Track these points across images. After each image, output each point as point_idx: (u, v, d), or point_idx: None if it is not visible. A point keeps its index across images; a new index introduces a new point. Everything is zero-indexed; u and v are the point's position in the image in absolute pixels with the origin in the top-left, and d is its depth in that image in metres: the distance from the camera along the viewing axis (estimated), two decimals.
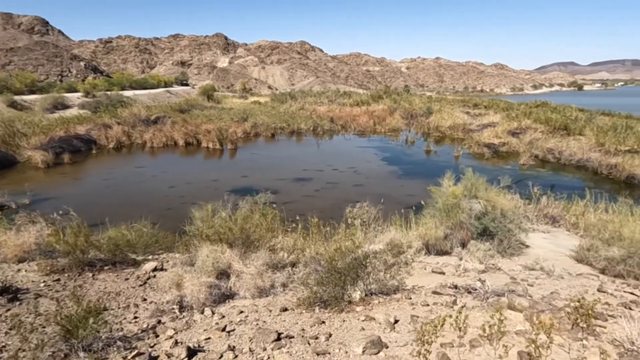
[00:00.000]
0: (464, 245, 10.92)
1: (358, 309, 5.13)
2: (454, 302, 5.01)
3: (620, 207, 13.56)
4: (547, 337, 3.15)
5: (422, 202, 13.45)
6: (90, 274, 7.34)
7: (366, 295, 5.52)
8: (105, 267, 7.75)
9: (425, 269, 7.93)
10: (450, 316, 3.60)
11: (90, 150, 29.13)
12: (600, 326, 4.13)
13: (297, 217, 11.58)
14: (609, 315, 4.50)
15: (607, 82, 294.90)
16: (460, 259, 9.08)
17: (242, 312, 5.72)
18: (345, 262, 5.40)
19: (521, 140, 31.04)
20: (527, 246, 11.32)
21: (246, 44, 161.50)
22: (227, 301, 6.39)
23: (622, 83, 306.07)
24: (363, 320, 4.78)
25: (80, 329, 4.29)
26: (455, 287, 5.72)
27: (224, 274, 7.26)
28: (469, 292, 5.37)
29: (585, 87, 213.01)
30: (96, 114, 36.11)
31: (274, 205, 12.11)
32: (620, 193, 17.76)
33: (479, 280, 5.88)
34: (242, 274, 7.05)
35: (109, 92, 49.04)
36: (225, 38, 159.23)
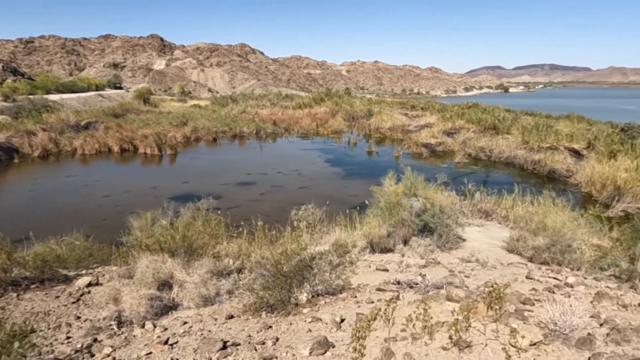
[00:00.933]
0: (406, 242, 11.31)
1: (305, 310, 5.14)
2: (397, 298, 5.17)
3: (544, 200, 14.69)
4: (466, 322, 3.34)
5: (367, 202, 13.75)
6: (15, 294, 6.72)
7: (313, 296, 5.54)
8: (32, 286, 7.13)
9: (369, 267, 8.12)
10: (385, 311, 3.71)
11: (11, 160, 26.72)
12: (528, 310, 4.45)
13: (242, 222, 11.38)
14: (535, 300, 4.87)
15: (529, 84, 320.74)
16: (403, 255, 9.40)
17: (186, 322, 5.52)
18: (291, 265, 5.39)
19: (455, 139, 32.76)
20: (464, 240, 11.93)
21: (184, 46, 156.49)
22: (170, 313, 6.14)
23: (542, 85, 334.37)
24: (310, 322, 4.79)
25: (3, 354, 3.91)
26: (398, 283, 5.91)
27: (166, 284, 6.96)
28: (411, 287, 5.58)
29: (511, 89, 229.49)
30: (17, 119, 33.22)
31: (218, 211, 11.83)
32: (544, 186, 19.28)
33: (420, 275, 6.13)
34: (186, 284, 6.80)
35: (32, 96, 45.31)
36: (161, 39, 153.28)
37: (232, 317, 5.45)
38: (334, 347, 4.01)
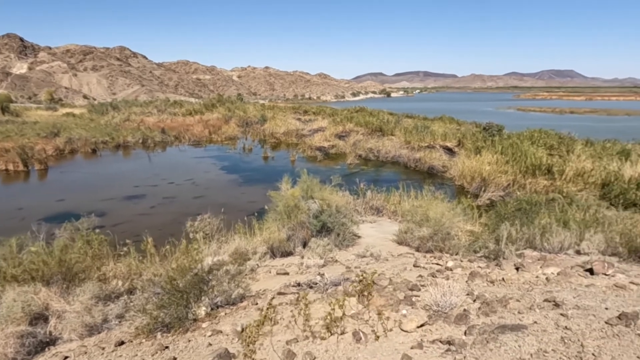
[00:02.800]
0: (305, 243, 11.53)
1: (204, 325, 4.94)
2: (298, 299, 5.26)
3: (426, 194, 16.16)
4: (341, 309, 3.56)
5: (266, 207, 13.72)
6: None
7: (212, 309, 5.35)
8: None
9: (270, 272, 8.12)
10: (264, 314, 3.77)
11: None
12: (415, 296, 4.88)
13: (131, 239, 10.51)
14: (421, 286, 5.35)
15: (408, 89, 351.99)
16: (303, 257, 9.58)
17: (67, 357, 4.91)
18: (187, 280, 5.14)
19: (347, 142, 34.44)
20: (359, 236, 12.58)
21: (50, 48, 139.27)
22: (46, 349, 5.40)
23: (418, 90, 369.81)
24: (210, 336, 4.62)
25: None
26: (299, 284, 6.02)
27: (40, 317, 6.11)
28: (311, 287, 5.72)
29: (392, 94, 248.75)
30: None
31: (102, 229, 10.75)
32: (425, 182, 21.28)
33: (319, 274, 6.33)
34: (65, 314, 6.04)
35: None
36: (21, 39, 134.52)
37: (122, 343, 5.00)
38: (235, 357, 3.92)
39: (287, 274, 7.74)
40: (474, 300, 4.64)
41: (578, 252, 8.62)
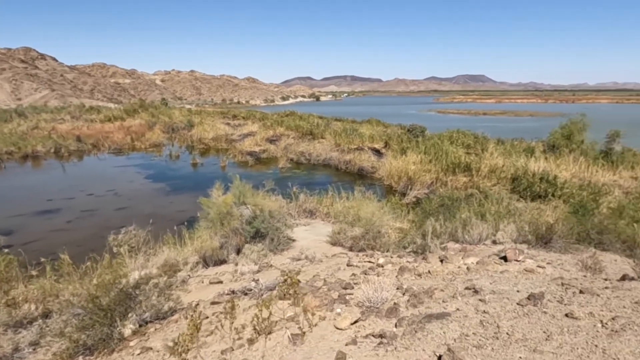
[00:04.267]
0: (239, 250, 11.33)
1: (132, 343, 4.66)
2: (232, 308, 5.16)
3: (356, 195, 16.63)
4: (268, 310, 3.60)
5: (198, 215, 13.27)
6: None
7: (141, 325, 5.06)
8: None
9: (203, 282, 7.86)
10: (192, 323, 3.69)
11: None
12: (349, 294, 5.02)
13: (45, 258, 9.60)
14: (354, 284, 5.52)
15: (336, 93, 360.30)
16: (237, 264, 9.40)
17: None
18: (111, 297, 4.81)
19: (278, 146, 34.41)
20: (294, 240, 12.62)
21: None
22: None
23: (346, 94, 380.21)
24: (139, 354, 4.37)
25: None
26: (233, 292, 5.90)
27: None
28: (246, 294, 5.64)
29: (322, 98, 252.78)
30: None
31: (10, 249, 9.72)
32: (356, 183, 21.88)
33: (254, 280, 6.26)
34: None
35: None
36: None
37: None
38: None
39: (221, 282, 7.55)
40: (404, 294, 4.88)
41: (494, 242, 9.39)
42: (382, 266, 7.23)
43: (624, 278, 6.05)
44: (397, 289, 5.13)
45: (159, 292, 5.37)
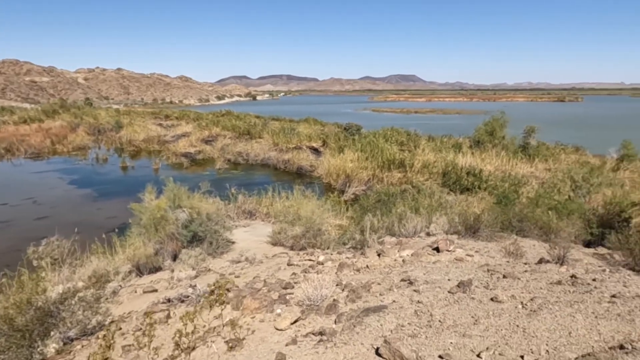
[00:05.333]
0: (175, 256, 10.88)
1: None
2: (168, 316, 4.94)
3: (296, 194, 16.65)
4: (192, 323, 3.53)
5: (129, 221, 12.54)
6: None
7: (65, 343, 4.68)
8: None
9: (136, 291, 7.45)
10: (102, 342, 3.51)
11: None
12: (289, 294, 5.01)
13: None
14: (295, 283, 5.52)
15: (273, 92, 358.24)
16: (173, 270, 9.02)
17: None
18: (29, 316, 4.39)
19: (214, 146, 33.53)
20: (233, 242, 12.36)
21: None
22: None
23: (283, 93, 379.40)
24: None
25: None
26: (169, 300, 5.65)
27: None
28: (182, 301, 5.43)
29: (258, 97, 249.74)
30: None
31: None
32: (295, 182, 21.91)
33: (191, 286, 6.04)
34: None
35: None
36: None
37: None
38: None
39: (156, 290, 7.20)
40: (343, 290, 4.96)
41: (428, 234, 9.85)
42: (322, 264, 7.30)
43: (541, 261, 6.63)
44: (337, 285, 5.20)
45: (86, 306, 4.99)
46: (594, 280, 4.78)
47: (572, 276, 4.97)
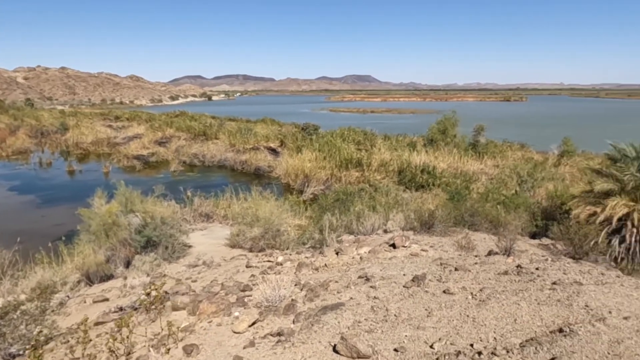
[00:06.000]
0: (129, 263, 10.47)
1: None
2: (119, 327, 4.74)
3: (254, 195, 16.48)
4: (128, 329, 3.45)
5: (78, 228, 11.91)
6: None
7: None
8: None
9: (85, 301, 7.10)
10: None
11: None
12: (248, 296, 4.96)
13: None
14: (253, 285, 5.47)
15: (229, 92, 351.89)
16: (125, 278, 8.67)
17: None
18: None
19: (169, 148, 32.55)
20: (190, 246, 12.06)
21: None
22: None
23: (239, 94, 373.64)
24: None
25: None
26: (121, 309, 5.43)
27: None
28: (136, 309, 5.23)
29: (214, 98, 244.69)
30: None
31: None
32: (253, 183, 21.69)
33: (145, 293, 5.82)
34: None
35: None
36: None
37: None
38: None
39: (107, 299, 6.89)
40: (301, 289, 4.98)
41: (385, 231, 10.08)
42: (281, 264, 7.29)
43: (490, 253, 6.96)
44: (295, 285, 5.21)
45: (30, 320, 4.70)
46: (537, 269, 5.08)
47: (518, 266, 5.27)
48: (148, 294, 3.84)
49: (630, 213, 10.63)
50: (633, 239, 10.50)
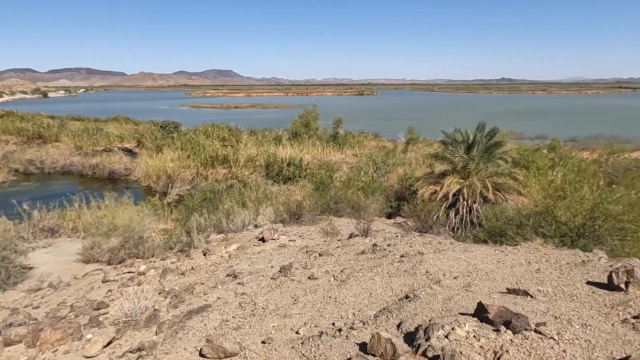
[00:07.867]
0: None
1: None
2: None
3: (109, 201, 14.89)
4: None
5: None
6: None
7: None
8: None
9: None
10: None
11: None
12: (103, 314, 4.48)
13: None
14: (110, 301, 4.96)
15: (70, 88, 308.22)
16: None
17: None
18: None
19: None
20: (31, 267, 10.37)
21: None
22: None
23: (83, 90, 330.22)
24: None
25: None
26: None
27: None
28: None
29: (51, 94, 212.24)
30: None
31: None
32: (107, 188, 19.56)
33: None
34: None
35: None
36: None
37: None
38: None
39: None
40: (166, 297, 4.70)
41: (256, 226, 10.11)
42: (144, 273, 6.76)
43: (351, 236, 7.53)
44: (160, 293, 4.89)
45: None
46: (389, 245, 5.67)
47: (374, 245, 5.81)
48: None
49: (462, 189, 12.59)
50: (464, 210, 12.49)
